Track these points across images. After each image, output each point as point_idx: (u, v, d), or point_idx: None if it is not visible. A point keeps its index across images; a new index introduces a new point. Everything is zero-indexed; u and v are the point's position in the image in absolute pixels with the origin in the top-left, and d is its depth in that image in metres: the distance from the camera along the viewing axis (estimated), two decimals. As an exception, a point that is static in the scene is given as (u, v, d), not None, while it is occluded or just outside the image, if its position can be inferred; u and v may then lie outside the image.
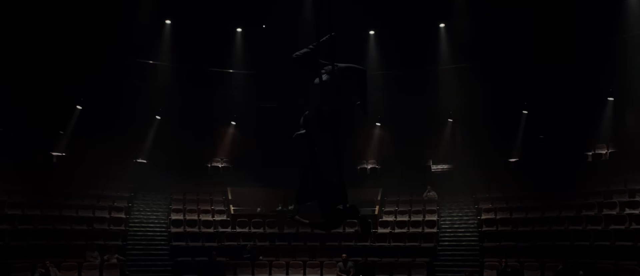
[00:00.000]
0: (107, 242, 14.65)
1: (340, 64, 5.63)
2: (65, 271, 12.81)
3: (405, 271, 14.71)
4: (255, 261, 15.13)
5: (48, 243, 13.72)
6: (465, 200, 18.22)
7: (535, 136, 18.35)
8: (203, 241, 16.01)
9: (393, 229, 17.01)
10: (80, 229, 14.83)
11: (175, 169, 19.79)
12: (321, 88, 5.45)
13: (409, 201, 18.77)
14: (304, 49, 5.65)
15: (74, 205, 15.92)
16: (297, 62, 5.63)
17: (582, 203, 15.30)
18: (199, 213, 17.64)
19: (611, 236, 13.29)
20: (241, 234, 16.69)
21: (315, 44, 5.62)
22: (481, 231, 15.97)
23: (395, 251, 15.66)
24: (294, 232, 16.79)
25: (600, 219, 14.19)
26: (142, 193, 18.54)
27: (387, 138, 21.53)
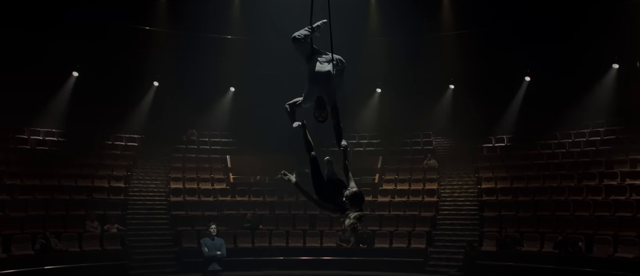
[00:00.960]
0: (107, 212, 14.59)
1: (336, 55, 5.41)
2: (65, 241, 12.76)
3: (405, 241, 14.73)
4: (255, 231, 15.15)
5: (47, 214, 13.68)
6: (466, 169, 18.15)
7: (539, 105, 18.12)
8: (203, 210, 15.99)
9: (393, 198, 17.01)
10: (79, 199, 14.78)
11: (174, 137, 19.74)
12: (326, 79, 5.23)
13: (409, 169, 18.72)
14: (303, 31, 5.40)
15: (73, 175, 15.85)
16: (296, 43, 5.40)
17: (583, 172, 15.24)
18: (198, 182, 17.60)
19: (611, 206, 13.27)
20: (241, 203, 16.68)
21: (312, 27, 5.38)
22: (481, 201, 15.94)
23: (395, 220, 15.66)
24: (294, 200, 16.79)
25: (600, 189, 14.16)
26: (141, 161, 18.47)
27: (388, 105, 21.35)
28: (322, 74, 5.23)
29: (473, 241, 14.10)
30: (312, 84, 5.24)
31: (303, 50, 5.39)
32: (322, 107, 5.16)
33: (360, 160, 19.50)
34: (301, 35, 5.39)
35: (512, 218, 14.46)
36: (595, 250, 12.08)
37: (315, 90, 5.20)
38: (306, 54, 5.37)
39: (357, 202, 4.99)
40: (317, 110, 5.16)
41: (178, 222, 15.23)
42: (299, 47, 5.38)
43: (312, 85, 5.23)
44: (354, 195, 4.99)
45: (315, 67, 5.26)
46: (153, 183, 17.29)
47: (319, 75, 5.23)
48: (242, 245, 14.67)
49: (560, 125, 18.00)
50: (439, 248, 14.58)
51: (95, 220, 13.88)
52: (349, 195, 5.00)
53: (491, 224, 14.65)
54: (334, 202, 5.03)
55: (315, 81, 5.22)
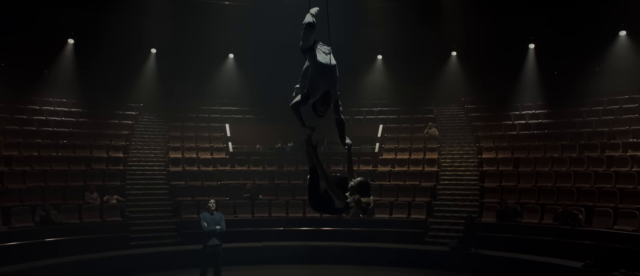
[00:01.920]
0: (106, 183, 14.56)
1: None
2: (65, 213, 12.75)
3: (405, 211, 14.74)
4: (255, 201, 15.14)
5: (46, 185, 13.63)
6: (467, 138, 18.03)
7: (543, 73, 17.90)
8: (202, 180, 15.95)
9: (393, 167, 16.96)
10: (78, 170, 14.71)
11: (172, 105, 19.57)
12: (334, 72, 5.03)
13: (409, 138, 18.62)
14: (311, 17, 5.09)
15: (71, 145, 15.74)
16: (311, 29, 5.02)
17: (585, 143, 15.13)
18: (197, 151, 17.52)
19: (613, 178, 13.20)
20: (240, 172, 16.64)
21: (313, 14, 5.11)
22: (482, 171, 15.88)
23: (395, 190, 15.63)
24: (294, 170, 16.76)
25: (602, 160, 14.07)
26: (139, 130, 18.35)
27: (389, 72, 21.11)
28: (330, 68, 4.96)
29: (473, 213, 14.10)
30: (320, 77, 4.93)
31: (310, 39, 5.06)
32: (327, 102, 4.98)
33: (360, 128, 19.42)
34: (314, 21, 5.04)
35: (513, 189, 14.41)
36: (595, 222, 12.05)
37: (322, 84, 4.93)
38: (311, 42, 5.07)
39: (364, 190, 4.90)
40: (323, 104, 4.97)
41: (177, 192, 15.19)
42: (311, 34, 5.03)
43: (320, 79, 4.93)
44: (360, 183, 4.91)
45: (322, 59, 4.97)
46: (152, 153, 17.20)
47: (327, 69, 4.96)
48: (242, 216, 14.67)
49: (563, 94, 17.78)
50: (438, 219, 14.57)
51: (94, 191, 13.84)
52: (355, 184, 4.91)
53: (491, 195, 14.62)
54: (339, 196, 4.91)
55: (324, 75, 4.93)
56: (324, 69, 4.93)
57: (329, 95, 4.96)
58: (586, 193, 13.06)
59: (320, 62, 4.94)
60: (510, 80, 18.99)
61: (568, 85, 17.79)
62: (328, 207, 4.98)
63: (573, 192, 13.29)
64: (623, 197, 12.36)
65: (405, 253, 12.92)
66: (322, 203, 5.02)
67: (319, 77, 4.91)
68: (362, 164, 17.27)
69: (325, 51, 5.03)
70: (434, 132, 18.48)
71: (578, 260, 10.75)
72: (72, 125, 16.89)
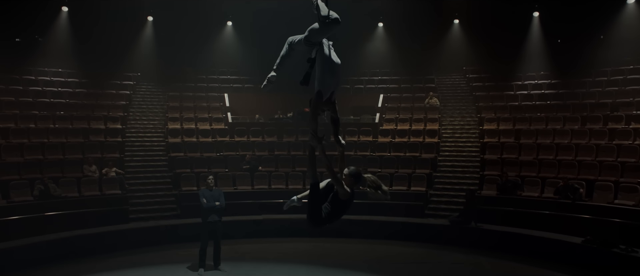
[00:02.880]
0: (105, 155, 14.46)
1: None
2: (64, 187, 12.68)
3: (405, 183, 14.70)
4: (255, 173, 15.09)
5: (45, 158, 13.54)
6: (468, 108, 17.86)
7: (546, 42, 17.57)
8: (201, 151, 15.86)
9: (393, 138, 16.85)
10: (76, 142, 14.59)
11: (170, 74, 19.31)
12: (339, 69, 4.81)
13: (410, 108, 18.45)
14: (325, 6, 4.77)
15: (68, 116, 15.58)
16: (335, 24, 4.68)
17: (588, 115, 14.97)
18: (196, 122, 17.37)
19: (615, 151, 13.10)
20: (240, 143, 16.54)
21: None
22: (482, 143, 15.78)
23: (396, 161, 15.57)
24: (293, 140, 16.66)
25: (604, 133, 13.94)
26: (137, 100, 18.16)
27: (390, 40, 20.77)
28: (339, 66, 4.79)
29: (473, 185, 14.08)
30: (331, 76, 4.74)
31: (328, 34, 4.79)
32: (331, 101, 4.83)
33: (360, 98, 19.23)
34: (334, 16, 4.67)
35: (514, 161, 14.33)
36: (596, 196, 12.01)
37: (333, 82, 4.77)
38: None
39: (357, 179, 4.95)
40: (326, 104, 4.81)
41: (176, 165, 15.11)
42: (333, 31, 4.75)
43: (331, 77, 4.74)
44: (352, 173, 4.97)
45: (333, 57, 4.77)
46: (150, 124, 17.06)
47: (336, 67, 4.77)
48: (242, 188, 14.63)
49: (567, 64, 17.52)
50: (439, 191, 14.53)
51: (93, 164, 13.75)
52: (348, 172, 4.92)
53: (492, 167, 14.54)
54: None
55: (333, 73, 4.75)
56: (333, 67, 4.75)
57: (333, 94, 4.80)
58: (588, 166, 12.97)
59: (332, 60, 4.76)
60: (513, 49, 18.70)
61: (572, 55, 17.51)
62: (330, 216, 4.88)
63: (574, 165, 13.21)
64: (624, 170, 12.28)
65: (406, 227, 12.92)
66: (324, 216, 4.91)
67: (330, 75, 4.73)
68: (363, 135, 17.16)
69: (331, 46, 4.82)
70: (435, 101, 18.30)
71: (578, 235, 10.76)
72: (69, 95, 16.70)
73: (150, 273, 9.86)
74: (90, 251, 10.92)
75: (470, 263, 10.68)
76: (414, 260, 10.91)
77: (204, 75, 19.97)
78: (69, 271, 9.84)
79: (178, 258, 10.78)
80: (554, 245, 10.74)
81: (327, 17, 4.61)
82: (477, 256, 11.13)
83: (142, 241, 11.81)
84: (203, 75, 19.97)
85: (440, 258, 11.13)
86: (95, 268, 10.07)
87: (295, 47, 4.79)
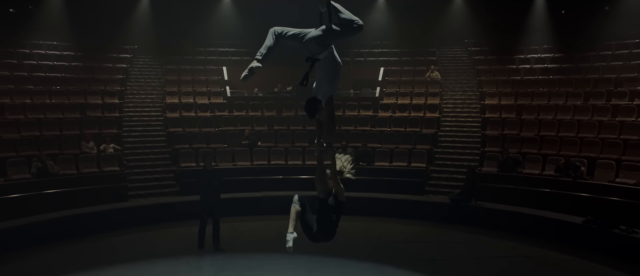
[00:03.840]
0: (102, 131, 14.33)
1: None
2: (62, 164, 12.59)
3: (405, 159, 14.62)
4: (254, 148, 14.99)
5: (41, 134, 13.40)
6: (469, 82, 17.65)
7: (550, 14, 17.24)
8: (200, 126, 15.72)
9: (394, 113, 16.69)
10: (73, 117, 14.43)
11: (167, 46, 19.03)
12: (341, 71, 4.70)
13: (411, 81, 18.23)
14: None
15: (64, 91, 15.38)
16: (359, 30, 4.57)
17: (591, 91, 14.78)
18: (194, 96, 17.17)
19: (617, 128, 12.97)
20: (239, 118, 16.39)
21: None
22: (484, 118, 15.62)
23: (396, 137, 15.45)
24: (293, 115, 16.51)
25: (607, 109, 13.78)
26: (134, 74, 17.92)
27: (391, 12, 20.39)
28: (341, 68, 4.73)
29: (473, 162, 14.00)
30: (338, 79, 4.67)
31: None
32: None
33: (360, 71, 19.00)
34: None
35: (515, 138, 14.21)
36: (597, 174, 11.92)
37: (338, 84, 4.71)
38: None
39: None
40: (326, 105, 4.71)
41: (175, 140, 15.00)
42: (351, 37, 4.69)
43: (338, 80, 4.68)
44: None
45: (340, 59, 4.67)
46: (148, 98, 16.88)
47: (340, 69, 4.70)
48: (241, 164, 14.55)
49: (570, 38, 17.23)
50: (439, 167, 14.45)
51: (90, 140, 13.63)
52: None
53: (493, 143, 14.44)
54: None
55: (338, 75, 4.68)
56: (339, 70, 4.66)
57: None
58: (589, 143, 12.86)
59: (340, 62, 4.66)
60: (516, 21, 18.37)
61: (576, 27, 17.20)
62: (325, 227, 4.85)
63: (576, 142, 13.09)
64: (627, 148, 12.17)
65: (406, 204, 12.88)
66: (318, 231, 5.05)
67: (338, 77, 4.64)
68: (363, 109, 17.00)
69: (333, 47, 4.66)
70: (436, 75, 18.07)
71: (579, 214, 10.71)
72: (65, 69, 16.45)
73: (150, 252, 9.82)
74: (90, 230, 10.88)
75: (470, 242, 10.67)
76: (414, 239, 10.89)
77: (202, 48, 19.67)
78: (69, 251, 9.81)
79: (177, 237, 10.77)
80: (554, 225, 10.70)
81: (353, 22, 4.42)
82: (477, 235, 11.11)
83: (141, 219, 11.75)
84: (201, 48, 19.67)
85: (440, 236, 11.12)
86: (95, 248, 10.05)
87: (287, 41, 4.54)
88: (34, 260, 9.25)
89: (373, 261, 9.19)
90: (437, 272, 8.65)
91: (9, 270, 8.69)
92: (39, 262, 9.15)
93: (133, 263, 9.00)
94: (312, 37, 4.45)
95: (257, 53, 4.42)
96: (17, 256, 9.35)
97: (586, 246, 9.86)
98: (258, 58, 4.39)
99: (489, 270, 8.85)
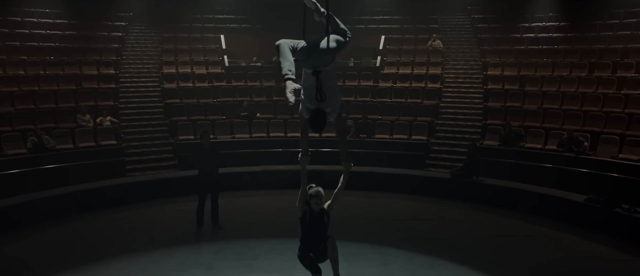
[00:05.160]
0: (98, 103, 14.10)
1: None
2: (58, 138, 12.41)
3: (406, 131, 14.45)
4: (253, 120, 14.80)
5: (36, 107, 13.18)
6: (472, 51, 17.30)
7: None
8: (198, 97, 15.48)
9: (395, 83, 16.43)
10: (68, 89, 14.18)
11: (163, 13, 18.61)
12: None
13: (412, 50, 17.88)
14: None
15: (59, 62, 15.06)
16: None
17: (597, 62, 14.48)
18: (192, 66, 16.86)
19: (622, 102, 12.74)
20: (237, 89, 16.14)
21: None
22: (486, 89, 15.36)
23: (397, 108, 15.23)
24: (292, 85, 16.21)
25: (613, 82, 13.52)
26: (130, 42, 17.55)
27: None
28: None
29: (475, 135, 13.85)
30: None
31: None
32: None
33: (361, 39, 18.59)
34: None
35: (517, 110, 13.99)
36: (600, 149, 11.77)
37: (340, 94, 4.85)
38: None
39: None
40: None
41: (173, 112, 14.80)
42: None
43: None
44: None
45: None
46: (145, 68, 16.57)
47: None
48: (240, 136, 14.39)
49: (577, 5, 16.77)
50: (440, 140, 14.29)
51: (86, 113, 13.42)
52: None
53: (495, 116, 14.24)
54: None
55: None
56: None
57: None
58: (593, 117, 12.67)
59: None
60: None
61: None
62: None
63: (580, 115, 12.89)
64: (631, 123, 11.98)
65: (406, 179, 12.76)
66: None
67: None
68: (363, 79, 16.72)
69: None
70: (438, 44, 17.70)
71: (580, 191, 10.61)
72: (59, 39, 16.08)
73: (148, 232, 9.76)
74: (87, 207, 10.79)
75: (470, 220, 10.60)
76: (414, 217, 10.81)
77: (199, 15, 19.21)
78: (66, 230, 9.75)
79: (176, 215, 10.70)
80: (555, 203, 10.60)
81: (347, 33, 4.45)
82: (478, 212, 11.04)
83: (140, 195, 11.61)
84: (198, 15, 19.22)
85: (440, 214, 11.05)
86: (91, 226, 9.98)
87: (297, 55, 4.35)
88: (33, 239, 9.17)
89: (372, 241, 9.12)
90: (437, 252, 8.59)
91: (6, 251, 8.63)
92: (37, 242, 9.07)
93: (130, 244, 8.93)
94: (327, 48, 4.34)
95: (286, 72, 4.20)
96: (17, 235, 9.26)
97: (587, 225, 9.79)
98: (291, 77, 4.18)
99: (489, 251, 8.79)
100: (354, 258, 8.27)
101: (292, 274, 7.55)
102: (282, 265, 7.95)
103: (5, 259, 8.30)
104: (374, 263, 8.18)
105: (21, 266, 7.97)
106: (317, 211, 5.18)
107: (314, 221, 5.20)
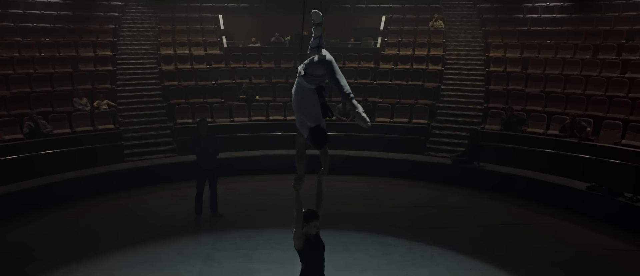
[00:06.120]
0: (95, 86, 13.92)
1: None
2: (54, 122, 12.26)
3: (407, 114, 14.31)
4: (252, 102, 14.64)
5: (32, 90, 13.00)
6: (474, 32, 17.04)
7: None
8: (196, 80, 15.29)
9: (395, 65, 16.21)
10: (64, 72, 13.97)
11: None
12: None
13: (413, 31, 17.61)
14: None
15: (54, 43, 14.82)
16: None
17: (601, 44, 14.25)
18: (190, 47, 16.61)
19: (626, 85, 12.57)
20: (236, 70, 15.93)
21: None
22: (488, 71, 15.16)
23: (397, 91, 15.06)
24: (291, 67, 16.04)
25: (617, 65, 13.33)
26: (127, 23, 17.26)
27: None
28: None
29: (476, 118, 13.71)
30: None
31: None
32: None
33: (361, 19, 18.34)
34: None
35: (520, 93, 13.82)
36: (602, 134, 11.65)
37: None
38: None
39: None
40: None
41: (171, 95, 14.62)
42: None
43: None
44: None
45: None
46: (142, 49, 16.32)
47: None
48: (239, 119, 14.25)
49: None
50: (441, 123, 14.15)
51: (83, 97, 13.25)
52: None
53: (497, 99, 14.08)
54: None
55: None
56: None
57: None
58: (597, 101, 12.52)
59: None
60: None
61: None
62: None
63: (583, 100, 12.74)
64: (634, 107, 11.84)
65: (407, 164, 12.64)
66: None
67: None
68: (363, 61, 16.51)
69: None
70: (439, 24, 17.44)
71: (582, 177, 10.52)
72: (54, 19, 15.80)
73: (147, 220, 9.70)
74: (86, 193, 10.70)
75: (472, 207, 10.53)
76: (415, 204, 10.73)
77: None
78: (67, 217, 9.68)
79: (175, 201, 10.62)
80: (557, 191, 10.50)
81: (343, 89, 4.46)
82: (479, 198, 10.97)
83: (139, 181, 11.51)
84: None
85: (442, 201, 10.96)
86: (89, 214, 9.91)
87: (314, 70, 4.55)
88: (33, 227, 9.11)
89: (372, 230, 9.06)
90: (438, 241, 8.54)
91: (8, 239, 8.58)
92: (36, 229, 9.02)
93: (130, 233, 8.86)
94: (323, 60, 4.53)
95: (349, 91, 4.32)
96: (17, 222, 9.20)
97: (589, 214, 9.72)
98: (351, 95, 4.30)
99: (490, 239, 8.73)
100: (354, 247, 8.24)
101: (292, 265, 7.48)
102: (281, 255, 7.90)
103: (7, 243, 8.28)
104: (374, 253, 8.13)
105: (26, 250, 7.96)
106: (313, 234, 4.62)
107: (313, 246, 4.64)
